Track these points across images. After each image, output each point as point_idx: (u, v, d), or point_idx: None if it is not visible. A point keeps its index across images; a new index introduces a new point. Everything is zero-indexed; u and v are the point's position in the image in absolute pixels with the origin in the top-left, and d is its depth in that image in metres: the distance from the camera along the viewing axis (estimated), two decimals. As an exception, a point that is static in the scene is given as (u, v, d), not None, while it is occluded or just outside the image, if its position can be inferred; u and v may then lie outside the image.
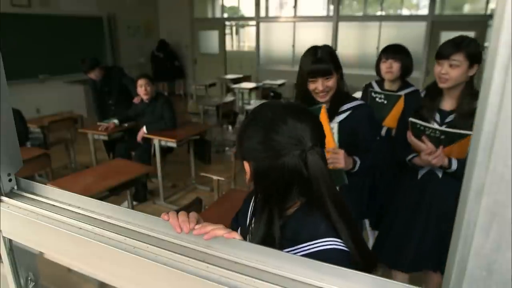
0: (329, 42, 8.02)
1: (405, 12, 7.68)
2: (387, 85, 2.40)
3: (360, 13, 8.02)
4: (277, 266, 0.56)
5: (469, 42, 1.57)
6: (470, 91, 1.61)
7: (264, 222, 0.79)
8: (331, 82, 1.55)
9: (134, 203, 3.47)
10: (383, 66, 2.31)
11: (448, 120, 1.65)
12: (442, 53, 1.60)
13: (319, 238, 0.76)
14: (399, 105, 2.20)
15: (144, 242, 0.64)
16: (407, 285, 0.48)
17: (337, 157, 1.47)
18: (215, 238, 0.63)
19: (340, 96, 1.62)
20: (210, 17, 9.62)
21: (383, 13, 7.77)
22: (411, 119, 1.63)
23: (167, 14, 9.45)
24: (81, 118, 4.91)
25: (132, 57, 8.58)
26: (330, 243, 0.75)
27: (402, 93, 2.27)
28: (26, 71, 6.32)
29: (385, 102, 2.31)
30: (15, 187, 0.82)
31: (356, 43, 8.03)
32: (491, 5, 6.68)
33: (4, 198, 0.79)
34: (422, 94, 1.82)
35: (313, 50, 1.56)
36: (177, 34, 9.40)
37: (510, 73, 0.32)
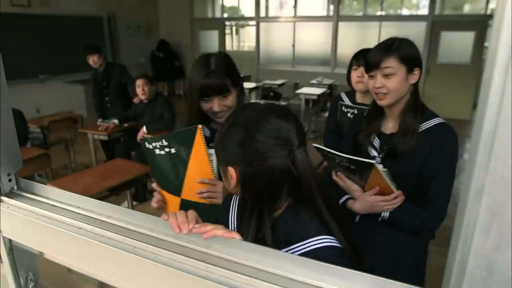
0: (329, 42, 8.03)
1: (405, 12, 7.69)
2: (358, 98, 2.02)
3: (360, 13, 8.02)
4: (277, 266, 0.56)
5: (400, 42, 1.26)
6: (415, 103, 1.29)
7: (255, 226, 0.78)
8: (229, 101, 1.22)
9: (134, 203, 3.47)
10: (354, 75, 1.93)
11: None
12: (370, 62, 1.28)
13: (311, 237, 0.76)
14: None
15: (144, 242, 0.64)
16: (407, 285, 0.48)
17: (214, 190, 1.17)
18: (214, 238, 0.63)
19: None
20: (210, 17, 9.62)
21: (383, 13, 7.77)
22: (314, 144, 1.27)
23: (167, 14, 9.45)
24: (81, 118, 4.91)
25: (132, 57, 8.58)
26: (323, 241, 0.75)
27: None
28: (26, 71, 6.33)
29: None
30: (15, 187, 0.82)
31: (356, 43, 8.02)
32: (491, 5, 6.68)
33: (4, 198, 0.79)
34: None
35: (205, 61, 1.23)
36: (177, 34, 9.40)
37: (510, 73, 0.32)
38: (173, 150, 1.18)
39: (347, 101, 2.06)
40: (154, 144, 1.19)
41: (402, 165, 1.26)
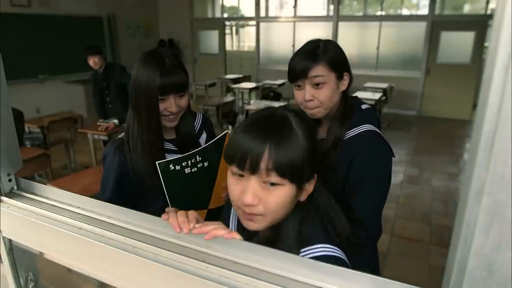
0: (329, 42, 8.03)
1: (405, 12, 7.69)
2: None
3: (360, 13, 8.02)
4: (277, 266, 0.56)
5: (325, 46, 1.13)
6: (343, 111, 1.17)
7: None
8: (184, 101, 1.15)
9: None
10: None
11: None
12: (296, 71, 1.12)
13: (313, 244, 0.74)
14: None
15: (144, 242, 0.64)
16: (407, 285, 0.48)
17: None
18: (215, 238, 0.63)
19: (191, 117, 1.27)
20: (210, 17, 9.62)
21: (383, 13, 7.77)
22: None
23: (167, 14, 9.45)
24: (81, 118, 4.91)
25: (132, 57, 8.55)
26: (323, 249, 0.74)
27: None
28: (26, 71, 6.33)
29: None
30: (15, 187, 0.82)
31: (356, 43, 8.03)
32: (491, 5, 6.68)
33: (4, 198, 0.79)
34: None
35: (157, 57, 1.12)
36: (177, 34, 9.40)
37: (510, 73, 0.32)
38: (206, 164, 1.15)
39: None
40: (184, 163, 1.11)
41: (328, 176, 1.16)
